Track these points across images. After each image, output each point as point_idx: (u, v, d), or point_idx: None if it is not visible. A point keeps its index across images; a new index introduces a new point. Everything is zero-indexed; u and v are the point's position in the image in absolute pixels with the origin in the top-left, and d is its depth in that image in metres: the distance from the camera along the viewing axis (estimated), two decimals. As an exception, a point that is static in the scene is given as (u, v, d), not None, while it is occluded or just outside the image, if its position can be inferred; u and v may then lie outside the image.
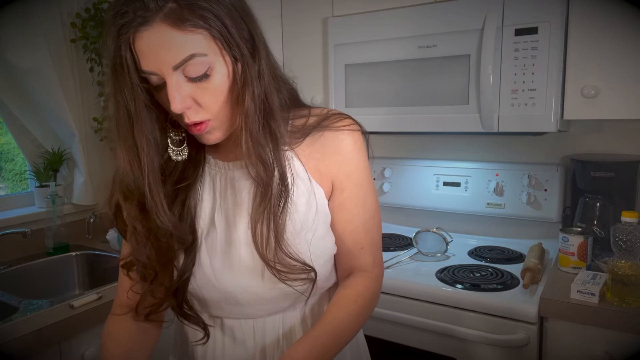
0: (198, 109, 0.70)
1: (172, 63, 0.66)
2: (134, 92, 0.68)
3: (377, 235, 0.86)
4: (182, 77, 0.67)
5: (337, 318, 0.79)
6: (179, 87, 0.67)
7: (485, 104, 1.45)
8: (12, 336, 1.21)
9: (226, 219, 0.80)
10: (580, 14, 1.37)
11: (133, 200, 0.75)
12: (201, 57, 0.66)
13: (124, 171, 0.73)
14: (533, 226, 1.76)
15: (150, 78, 0.68)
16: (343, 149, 0.80)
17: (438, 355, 1.38)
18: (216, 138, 0.74)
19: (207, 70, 0.68)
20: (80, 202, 2.03)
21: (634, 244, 1.24)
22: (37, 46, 1.82)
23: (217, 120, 0.72)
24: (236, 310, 0.83)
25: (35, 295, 1.58)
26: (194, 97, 0.69)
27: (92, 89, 2.06)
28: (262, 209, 0.74)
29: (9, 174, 2.11)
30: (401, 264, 1.59)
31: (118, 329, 0.87)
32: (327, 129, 0.79)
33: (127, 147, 0.71)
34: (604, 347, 1.22)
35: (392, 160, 1.98)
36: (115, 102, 0.70)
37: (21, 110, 1.89)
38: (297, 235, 0.77)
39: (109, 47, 0.67)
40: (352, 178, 0.81)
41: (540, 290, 1.32)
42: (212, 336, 0.86)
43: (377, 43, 1.62)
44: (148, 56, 0.66)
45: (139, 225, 0.76)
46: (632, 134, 1.61)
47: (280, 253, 0.75)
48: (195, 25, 0.65)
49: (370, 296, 0.84)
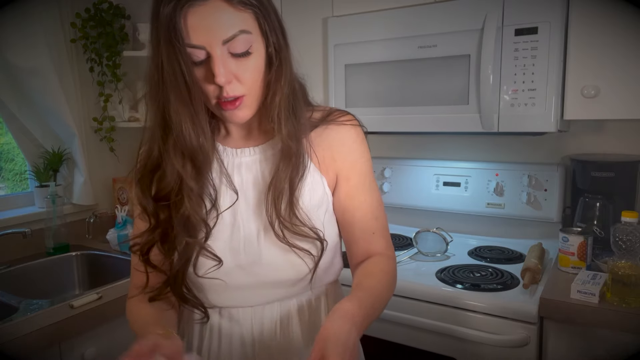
0: (237, 84, 0.74)
1: (223, 37, 0.70)
2: (187, 62, 0.71)
3: (385, 222, 0.90)
4: (227, 52, 0.71)
5: (374, 286, 0.81)
6: (225, 61, 0.71)
7: (485, 104, 1.45)
8: (12, 336, 1.21)
9: (232, 200, 0.82)
10: (580, 14, 1.37)
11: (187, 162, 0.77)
12: (247, 35, 0.72)
13: (188, 137, 0.74)
14: (533, 226, 1.76)
15: (195, 52, 0.71)
16: (347, 141, 0.85)
17: (438, 355, 1.38)
18: (245, 115, 0.78)
19: (250, 48, 0.73)
20: (80, 202, 2.04)
21: (634, 244, 1.24)
22: (37, 46, 1.83)
23: (250, 97, 0.76)
24: (236, 295, 0.84)
25: (35, 295, 1.58)
26: (235, 73, 0.73)
27: (92, 89, 2.06)
28: (284, 176, 0.78)
29: (9, 174, 2.11)
30: (401, 264, 1.59)
31: (138, 309, 0.88)
32: (331, 122, 0.85)
33: (188, 112, 0.73)
34: (604, 347, 1.22)
35: (392, 160, 1.98)
36: (172, 71, 0.71)
37: (21, 110, 1.89)
38: (311, 209, 0.82)
39: (161, 22, 0.69)
40: (357, 167, 0.86)
41: (540, 290, 1.32)
42: (209, 324, 0.88)
43: (377, 43, 1.62)
44: (199, 30, 0.69)
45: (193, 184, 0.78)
46: (632, 134, 1.61)
47: (293, 217, 0.79)
48: (245, 4, 0.71)
49: (393, 273, 0.86)
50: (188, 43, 0.69)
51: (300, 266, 0.82)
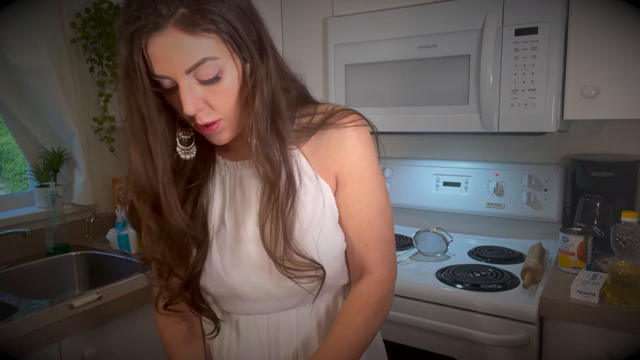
0: (209, 111, 0.72)
1: (185, 67, 0.67)
2: (146, 96, 0.69)
3: (386, 232, 0.84)
4: (194, 80, 0.69)
5: (342, 335, 0.78)
6: (191, 90, 0.69)
7: (485, 104, 1.45)
8: (12, 336, 1.21)
9: (235, 217, 0.82)
10: (580, 14, 1.37)
11: (146, 200, 0.76)
12: (212, 61, 0.68)
13: (137, 173, 0.74)
14: (533, 226, 1.76)
15: (162, 82, 0.69)
16: (346, 145, 0.80)
17: (438, 355, 1.38)
18: (226, 138, 0.76)
19: (218, 73, 0.69)
20: (80, 202, 2.03)
21: (634, 244, 1.24)
22: (37, 46, 1.82)
23: (227, 120, 0.74)
24: (248, 306, 0.84)
25: (35, 295, 1.58)
26: (205, 99, 0.71)
27: (92, 89, 2.06)
28: (270, 207, 0.75)
29: (9, 174, 2.11)
30: (401, 264, 1.59)
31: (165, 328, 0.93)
32: (331, 126, 0.80)
33: (140, 150, 0.73)
34: (604, 347, 1.22)
35: (392, 160, 1.98)
36: (128, 106, 0.71)
37: (21, 110, 1.89)
38: (304, 232, 0.78)
39: (121, 53, 0.68)
40: (355, 173, 0.81)
41: (540, 290, 1.32)
42: (226, 332, 0.88)
43: (377, 43, 1.62)
44: (161, 61, 0.67)
45: (153, 224, 0.78)
46: (632, 134, 1.61)
47: (289, 250, 0.75)
48: (206, 29, 0.67)
49: (377, 302, 0.81)
50: (153, 74, 0.68)
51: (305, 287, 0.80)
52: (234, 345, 0.88)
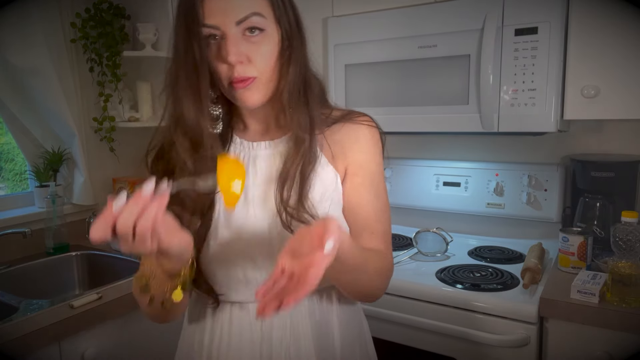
0: (248, 65, 0.77)
1: (236, 18, 0.74)
2: (201, 44, 0.75)
3: (388, 227, 0.88)
4: (240, 34, 0.75)
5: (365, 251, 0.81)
6: (237, 42, 0.75)
7: (485, 104, 1.45)
8: (12, 336, 1.21)
9: (245, 191, 0.84)
10: (580, 14, 1.37)
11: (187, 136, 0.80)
12: (260, 18, 0.76)
13: (187, 110, 0.78)
14: (533, 226, 1.76)
15: (209, 32, 0.75)
16: (361, 138, 0.87)
17: (438, 355, 1.38)
18: (255, 99, 0.80)
19: (263, 30, 0.76)
20: (80, 202, 2.04)
21: (634, 244, 1.24)
22: (37, 46, 1.82)
23: (261, 81, 0.78)
24: (245, 290, 0.84)
25: (35, 295, 1.58)
26: (247, 54, 0.76)
27: (92, 89, 2.06)
28: (295, 165, 0.80)
29: (9, 174, 2.11)
30: (401, 264, 1.59)
31: None
32: (348, 121, 0.87)
33: (191, 91, 0.77)
34: (604, 347, 1.22)
35: (392, 160, 1.98)
36: (185, 53, 0.76)
37: (21, 110, 1.89)
38: (317, 203, 0.82)
39: (182, 5, 0.75)
40: (366, 166, 0.86)
41: (540, 290, 1.32)
42: (218, 323, 0.88)
43: (377, 43, 1.62)
44: (215, 11, 0.74)
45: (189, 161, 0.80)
46: (632, 134, 1.61)
47: (301, 210, 0.79)
48: None
49: (384, 267, 0.85)
50: (204, 23, 0.74)
51: None
52: (225, 336, 0.88)
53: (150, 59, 2.13)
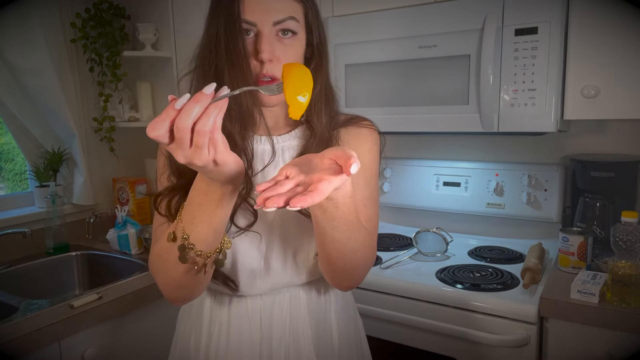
0: (277, 65, 0.79)
1: (275, 18, 0.78)
2: (243, 37, 0.78)
3: (374, 215, 0.88)
4: (274, 34, 0.79)
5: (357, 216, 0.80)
6: (271, 41, 0.78)
7: (485, 104, 1.45)
8: (12, 336, 1.21)
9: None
10: (580, 14, 1.37)
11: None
12: (295, 22, 0.80)
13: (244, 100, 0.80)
14: (533, 226, 1.76)
15: (246, 28, 0.78)
16: (361, 137, 0.91)
17: (438, 355, 1.38)
18: (276, 98, 0.82)
19: (296, 34, 0.81)
20: (80, 202, 2.04)
21: (634, 244, 1.24)
22: (37, 46, 1.82)
23: None
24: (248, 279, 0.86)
25: (35, 295, 1.58)
26: (277, 54, 0.79)
27: (92, 89, 2.06)
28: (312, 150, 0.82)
29: (9, 174, 2.11)
30: (401, 264, 1.59)
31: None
32: (352, 124, 0.92)
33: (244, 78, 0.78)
34: (604, 347, 1.22)
35: (392, 160, 1.98)
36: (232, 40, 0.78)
37: (21, 110, 1.89)
38: None
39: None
40: (362, 159, 0.86)
41: (540, 290, 1.32)
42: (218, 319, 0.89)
43: (377, 43, 1.62)
44: (255, 9, 0.77)
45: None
46: (632, 134, 1.61)
47: None
48: None
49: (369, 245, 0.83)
50: (243, 18, 0.77)
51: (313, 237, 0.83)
52: (224, 334, 0.88)
53: (150, 59, 2.13)
